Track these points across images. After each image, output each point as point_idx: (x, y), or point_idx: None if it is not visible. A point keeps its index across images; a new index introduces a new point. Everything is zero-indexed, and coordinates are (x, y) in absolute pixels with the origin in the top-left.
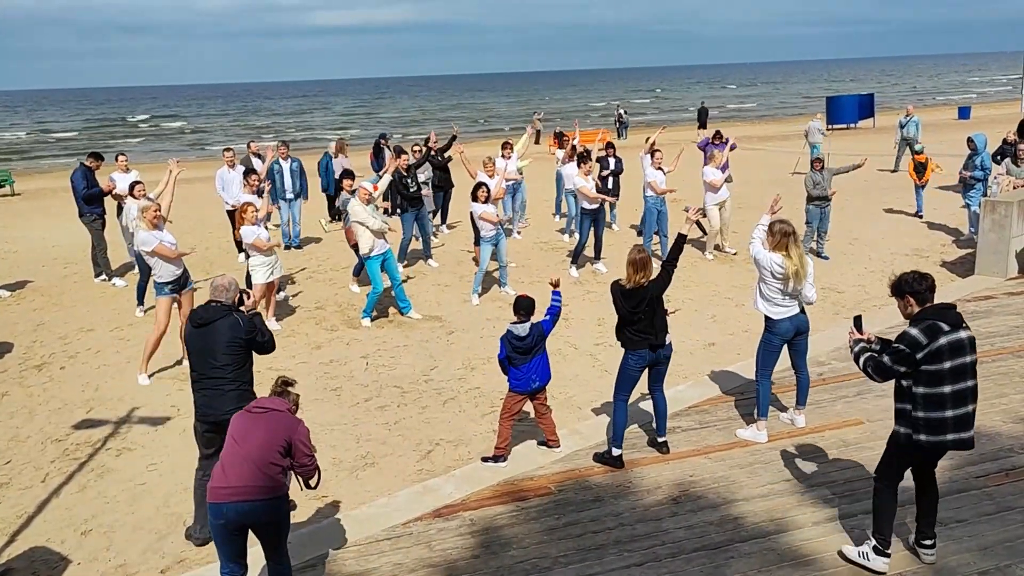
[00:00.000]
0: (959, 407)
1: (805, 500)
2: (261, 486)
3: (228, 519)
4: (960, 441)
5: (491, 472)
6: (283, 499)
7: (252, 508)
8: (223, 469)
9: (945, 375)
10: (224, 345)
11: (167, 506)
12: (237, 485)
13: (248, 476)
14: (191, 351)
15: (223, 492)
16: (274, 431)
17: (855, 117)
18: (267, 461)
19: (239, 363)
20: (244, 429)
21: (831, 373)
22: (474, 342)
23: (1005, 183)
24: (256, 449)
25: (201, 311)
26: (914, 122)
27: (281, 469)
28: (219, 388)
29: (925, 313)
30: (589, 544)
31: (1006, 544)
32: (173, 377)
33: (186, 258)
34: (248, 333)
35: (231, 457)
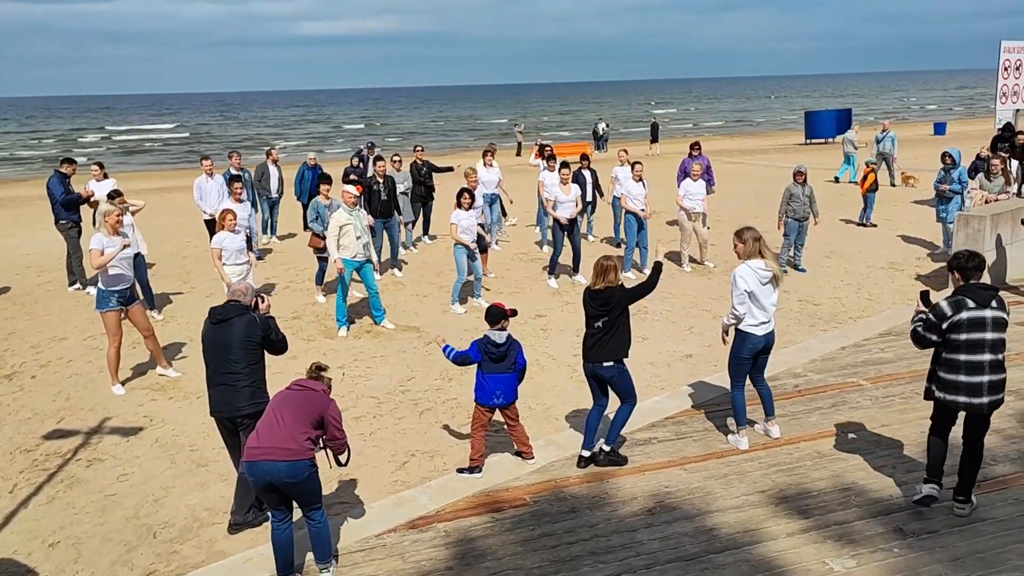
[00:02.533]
0: (972, 375)
1: (779, 511)
2: (286, 448)
3: (256, 476)
4: (970, 405)
5: (466, 483)
6: (306, 464)
7: (274, 468)
8: (257, 433)
9: (961, 345)
10: (240, 341)
11: (137, 517)
12: (265, 446)
13: (277, 439)
14: (207, 347)
15: (253, 451)
16: (308, 405)
17: (833, 132)
18: (297, 429)
19: (253, 360)
20: (282, 401)
21: (807, 385)
22: None
23: (978, 198)
24: (289, 417)
25: (220, 309)
26: (890, 137)
27: (310, 439)
28: (233, 385)
29: (960, 289)
30: (563, 555)
31: (977, 555)
32: (146, 387)
33: (163, 266)
34: (263, 331)
35: (266, 422)
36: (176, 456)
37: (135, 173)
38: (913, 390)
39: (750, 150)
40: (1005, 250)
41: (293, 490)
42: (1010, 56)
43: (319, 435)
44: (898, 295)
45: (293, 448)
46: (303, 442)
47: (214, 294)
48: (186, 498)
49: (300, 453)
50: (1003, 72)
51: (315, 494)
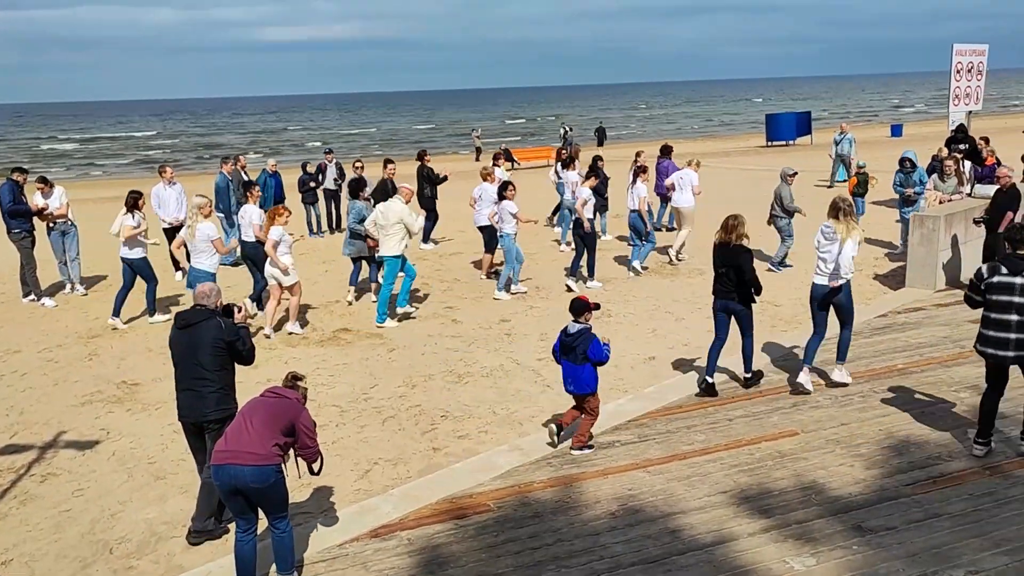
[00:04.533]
0: (999, 331)
1: (741, 511)
2: (252, 453)
3: (222, 480)
4: (995, 356)
5: (430, 490)
6: (272, 470)
7: (240, 472)
8: (226, 437)
9: (992, 304)
10: (207, 347)
11: (93, 533)
12: (232, 450)
13: (244, 444)
14: (174, 352)
15: (220, 455)
16: (279, 412)
17: (793, 134)
18: (266, 435)
19: (219, 366)
20: (253, 407)
21: (768, 385)
22: (415, 359)
23: (932, 198)
24: (258, 423)
25: (186, 313)
26: (848, 139)
27: (278, 445)
28: (200, 391)
29: (1004, 257)
30: (527, 561)
31: (933, 551)
32: (103, 400)
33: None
34: (230, 337)
35: (235, 427)
36: (134, 469)
37: (95, 181)
38: (871, 389)
39: (712, 153)
40: (959, 250)
41: (258, 496)
42: (962, 59)
43: (289, 443)
44: (857, 295)
45: (260, 453)
46: (271, 448)
47: (174, 303)
48: (144, 512)
49: (267, 459)
50: (955, 75)
51: (281, 502)
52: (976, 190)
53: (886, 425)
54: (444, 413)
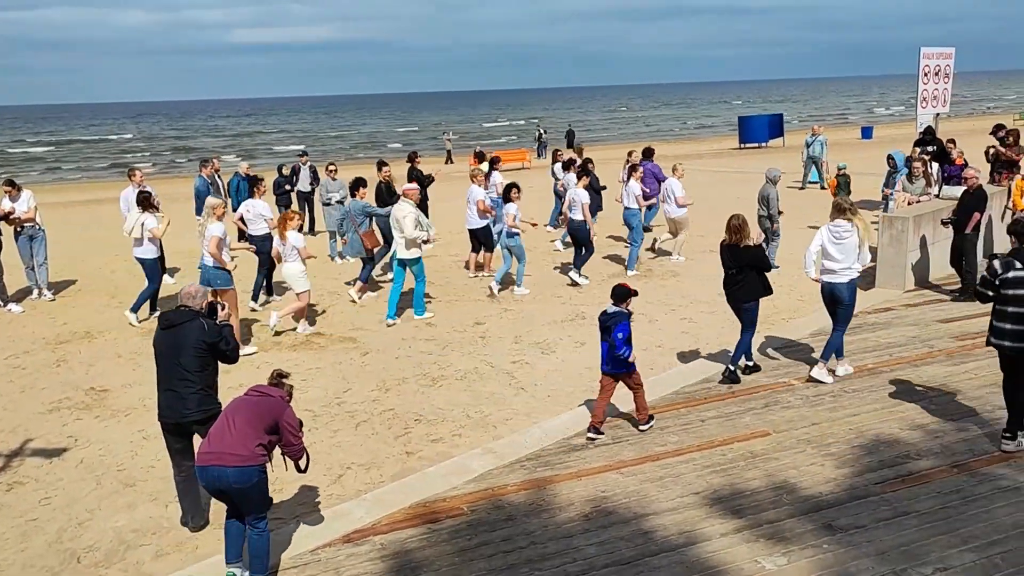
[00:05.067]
0: (1016, 324)
1: (714, 512)
2: (234, 454)
3: (206, 480)
4: (1014, 349)
5: (403, 494)
6: (255, 471)
7: (223, 473)
8: (208, 438)
9: (1009, 298)
10: (190, 348)
11: (60, 542)
12: (215, 451)
13: (227, 444)
14: (157, 353)
15: (203, 456)
16: (262, 411)
17: (765, 136)
18: (249, 435)
19: (203, 367)
20: (235, 407)
21: (740, 386)
22: (389, 363)
23: (901, 199)
24: (241, 423)
25: (170, 314)
26: (819, 141)
27: (261, 445)
28: (181, 391)
29: (1013, 251)
30: (500, 564)
31: (902, 548)
32: (71, 407)
33: (91, 280)
34: (213, 338)
35: (218, 428)
36: (102, 477)
37: (64, 185)
38: (842, 388)
39: (686, 155)
40: (928, 250)
41: (241, 496)
42: (929, 62)
43: (273, 441)
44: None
45: (243, 454)
46: (254, 448)
47: (143, 308)
48: (112, 520)
49: (249, 459)
50: (923, 77)
51: (261, 502)
52: (944, 191)
53: (856, 424)
54: (418, 417)
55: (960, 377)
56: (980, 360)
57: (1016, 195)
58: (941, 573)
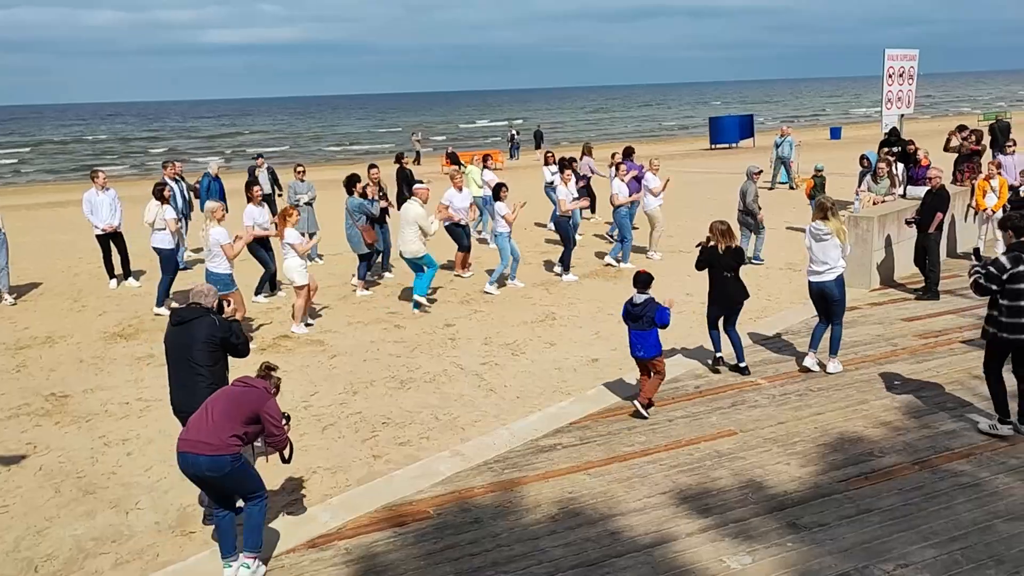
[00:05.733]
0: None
1: (680, 512)
2: (208, 443)
3: (183, 467)
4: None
5: (369, 498)
6: (228, 459)
7: (196, 460)
8: (188, 426)
9: (1022, 292)
10: (200, 343)
11: (17, 551)
12: (189, 439)
13: (202, 433)
14: (169, 348)
15: (180, 443)
16: (242, 401)
17: (736, 137)
18: (225, 425)
19: (213, 361)
20: (216, 397)
21: (707, 385)
22: (356, 366)
23: (866, 199)
24: (218, 413)
25: (182, 310)
26: (788, 142)
27: (236, 435)
28: (192, 384)
29: (1016, 245)
30: (466, 567)
31: (864, 545)
32: (31, 413)
33: (54, 283)
34: (223, 333)
35: (196, 417)
36: (62, 484)
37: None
38: (807, 387)
39: (657, 155)
40: (893, 249)
41: (218, 484)
42: (894, 64)
43: (252, 432)
44: (795, 295)
45: (214, 443)
46: (227, 438)
47: (107, 312)
48: (71, 528)
49: (221, 448)
50: (888, 79)
51: (245, 485)
52: (909, 191)
53: (821, 423)
54: (385, 420)
55: (923, 375)
56: (942, 358)
57: (978, 195)
58: (902, 569)
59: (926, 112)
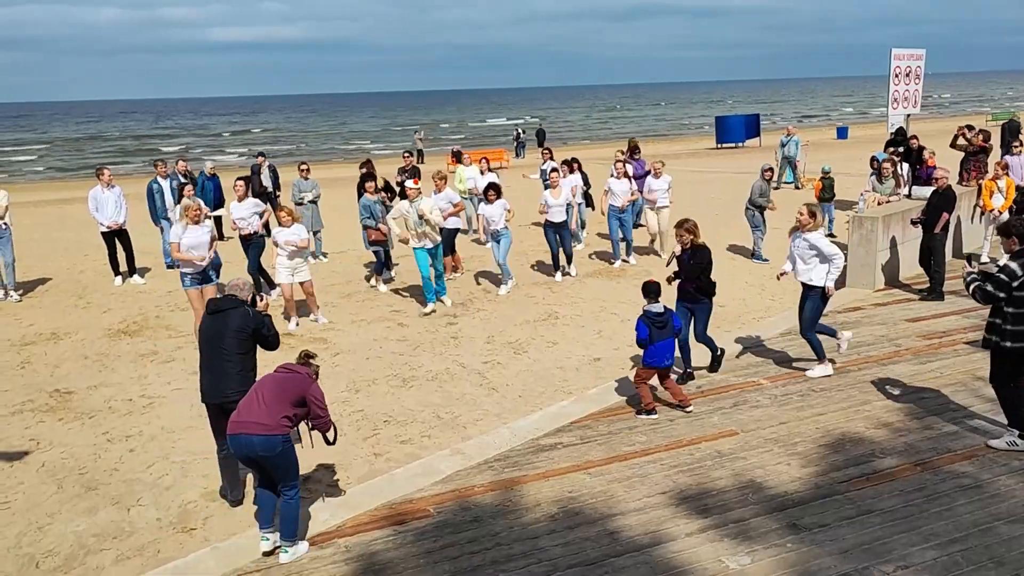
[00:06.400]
0: None
1: (680, 512)
2: (261, 423)
3: (236, 448)
4: None
5: (369, 496)
6: (280, 440)
7: (250, 441)
8: (239, 409)
9: None
10: (233, 332)
11: (19, 547)
12: (243, 420)
13: (254, 414)
14: (203, 336)
15: (233, 425)
16: (289, 385)
17: (742, 136)
18: (275, 407)
19: (244, 350)
20: (264, 381)
21: (709, 386)
22: (359, 364)
23: (870, 199)
24: (268, 396)
25: (218, 300)
26: (794, 141)
27: (287, 417)
28: (224, 372)
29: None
30: (465, 566)
31: (864, 547)
32: (33, 410)
33: (59, 281)
34: (255, 324)
35: (247, 400)
36: (64, 480)
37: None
38: (810, 388)
39: (662, 155)
40: (898, 249)
41: (268, 463)
42: (900, 63)
43: (300, 414)
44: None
45: (268, 423)
46: (279, 419)
47: (111, 309)
48: (72, 524)
49: (274, 428)
50: (894, 78)
51: (289, 470)
52: (915, 191)
53: (823, 424)
54: (387, 418)
55: (926, 376)
56: (946, 359)
57: (985, 195)
58: (903, 571)
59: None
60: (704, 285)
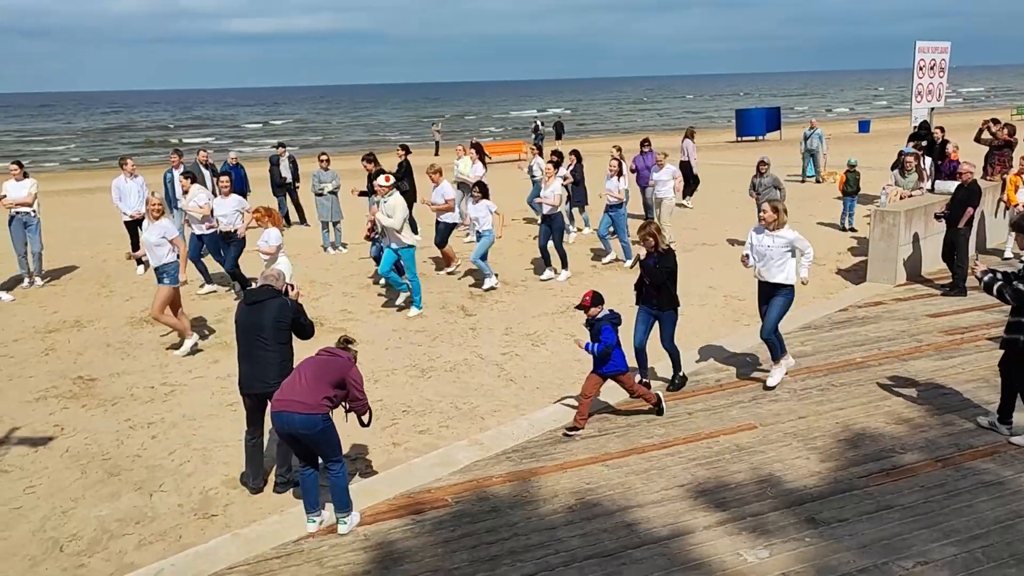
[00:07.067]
0: None
1: (698, 505)
2: (303, 402)
3: (277, 425)
4: None
5: (388, 485)
6: (320, 419)
7: (291, 419)
8: (282, 388)
9: None
10: (272, 322)
11: (43, 531)
12: (285, 399)
13: (296, 393)
14: (240, 327)
15: (276, 403)
16: (330, 367)
17: (763, 129)
18: (316, 387)
19: (282, 340)
20: (306, 363)
21: (728, 379)
22: (379, 354)
23: (893, 193)
24: (310, 376)
25: (254, 291)
26: (817, 134)
27: (327, 398)
28: (263, 361)
29: None
30: (483, 555)
31: (883, 542)
32: (58, 395)
33: (83, 270)
34: (294, 314)
35: (290, 380)
36: (87, 466)
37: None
38: (829, 382)
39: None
40: (920, 244)
41: (309, 441)
42: (925, 56)
43: (339, 395)
44: (819, 290)
45: (309, 403)
46: (320, 399)
47: (135, 297)
48: (96, 509)
49: (314, 408)
50: (918, 71)
51: (331, 446)
52: (938, 186)
53: (842, 418)
54: (406, 408)
55: (947, 372)
56: (968, 355)
57: (1010, 190)
58: (922, 567)
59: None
60: (670, 293)
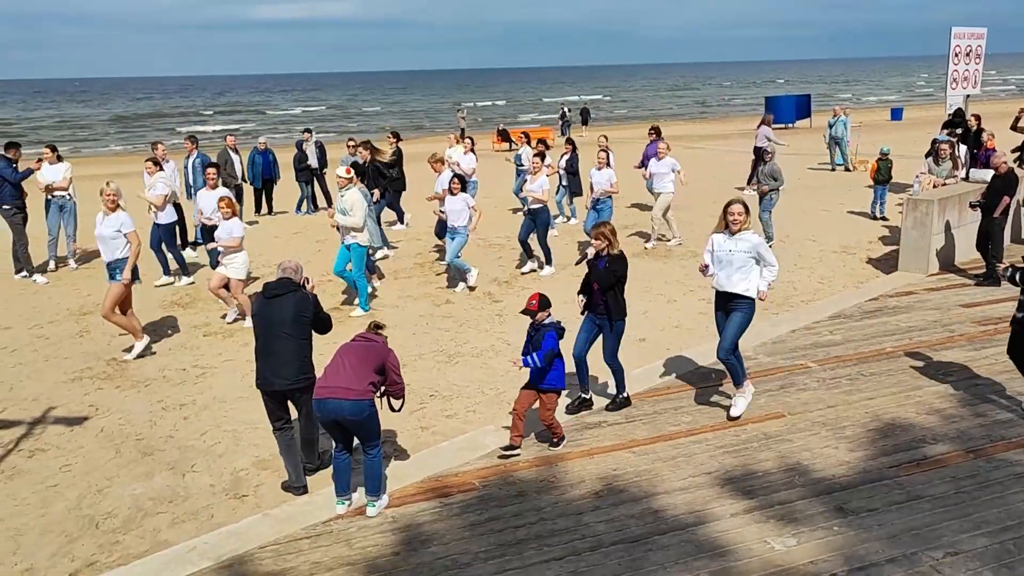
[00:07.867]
0: None
1: (724, 492)
2: (349, 388)
3: (323, 412)
4: None
5: (415, 468)
6: (367, 404)
7: (339, 405)
8: (326, 375)
9: None
10: (293, 316)
11: (79, 508)
12: (332, 385)
13: (342, 380)
14: (260, 321)
15: (321, 391)
16: (371, 353)
17: (792, 117)
18: (361, 372)
19: (307, 335)
20: (346, 349)
21: (756, 367)
22: (407, 339)
23: (926, 182)
24: (354, 361)
25: (275, 284)
26: (842, 122)
27: (371, 383)
28: (283, 356)
29: None
30: (509, 539)
31: (913, 532)
32: (93, 376)
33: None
34: (316, 308)
35: (333, 366)
36: (122, 446)
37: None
38: (859, 372)
39: (711, 135)
40: (953, 233)
41: (355, 427)
42: (960, 43)
43: (379, 380)
44: (849, 278)
45: (356, 389)
46: (365, 385)
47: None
48: (130, 488)
49: (362, 394)
50: (953, 58)
51: (374, 432)
52: (973, 174)
53: (872, 408)
54: (433, 392)
55: (980, 363)
56: (1001, 346)
57: None
58: (952, 557)
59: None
60: (618, 301)
